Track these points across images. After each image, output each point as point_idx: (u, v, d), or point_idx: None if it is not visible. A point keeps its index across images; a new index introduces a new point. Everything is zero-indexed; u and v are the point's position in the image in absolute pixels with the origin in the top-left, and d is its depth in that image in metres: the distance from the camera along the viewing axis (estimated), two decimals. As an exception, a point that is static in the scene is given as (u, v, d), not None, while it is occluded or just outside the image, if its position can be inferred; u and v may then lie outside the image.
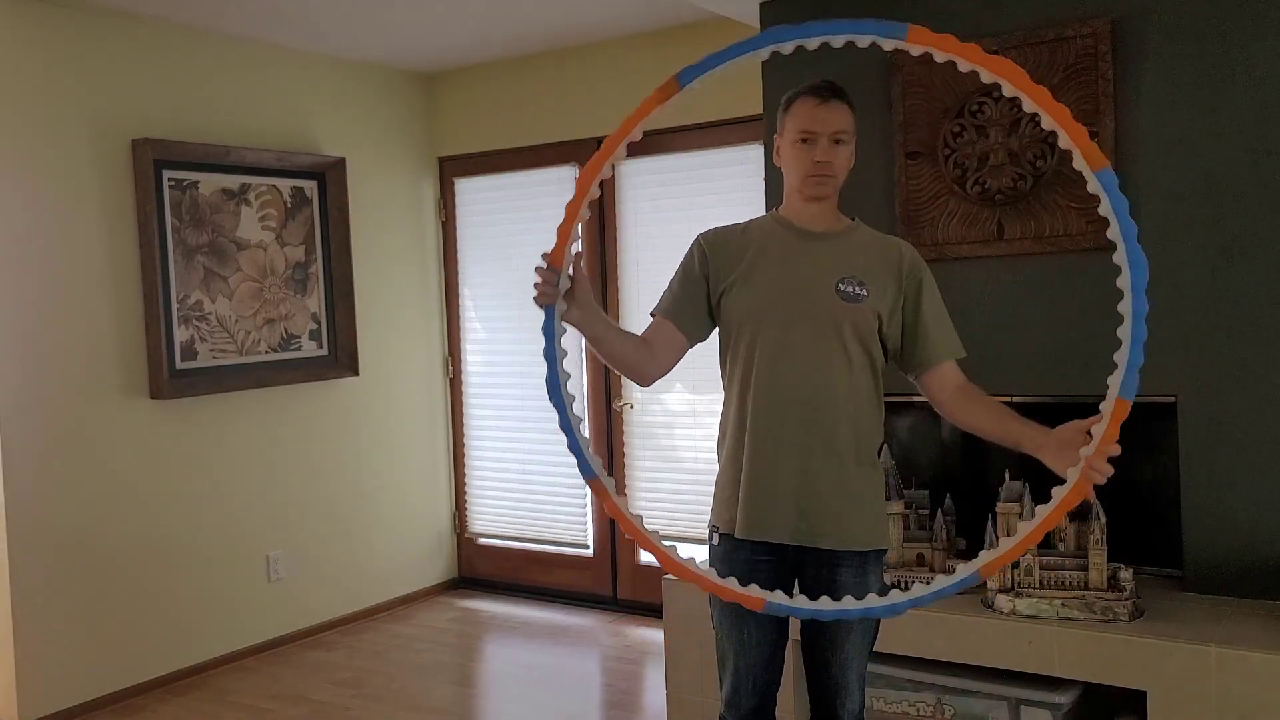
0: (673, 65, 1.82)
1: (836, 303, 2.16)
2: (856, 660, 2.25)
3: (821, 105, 2.16)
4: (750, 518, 2.18)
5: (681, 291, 2.28)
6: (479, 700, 4.12)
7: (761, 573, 2.16)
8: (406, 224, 5.22)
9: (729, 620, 2.25)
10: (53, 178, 3.86)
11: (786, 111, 2.22)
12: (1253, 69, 2.85)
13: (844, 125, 2.17)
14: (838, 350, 2.16)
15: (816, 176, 2.18)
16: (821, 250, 2.21)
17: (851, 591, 2.09)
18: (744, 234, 2.30)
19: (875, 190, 3.37)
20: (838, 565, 2.17)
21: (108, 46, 4.02)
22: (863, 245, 2.24)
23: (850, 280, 2.16)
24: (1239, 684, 2.55)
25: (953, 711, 2.96)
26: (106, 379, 4.01)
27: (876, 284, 2.18)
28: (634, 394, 4.82)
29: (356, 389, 4.94)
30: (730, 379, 2.27)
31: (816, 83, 2.19)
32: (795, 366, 2.16)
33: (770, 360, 2.17)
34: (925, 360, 2.22)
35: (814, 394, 2.15)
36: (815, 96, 2.17)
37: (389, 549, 5.12)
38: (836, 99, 2.17)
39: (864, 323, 2.17)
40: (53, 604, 3.85)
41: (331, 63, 4.86)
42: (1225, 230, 2.90)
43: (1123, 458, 1.85)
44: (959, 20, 3.21)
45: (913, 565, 3.14)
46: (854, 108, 2.21)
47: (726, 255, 2.25)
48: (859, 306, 2.16)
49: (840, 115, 2.17)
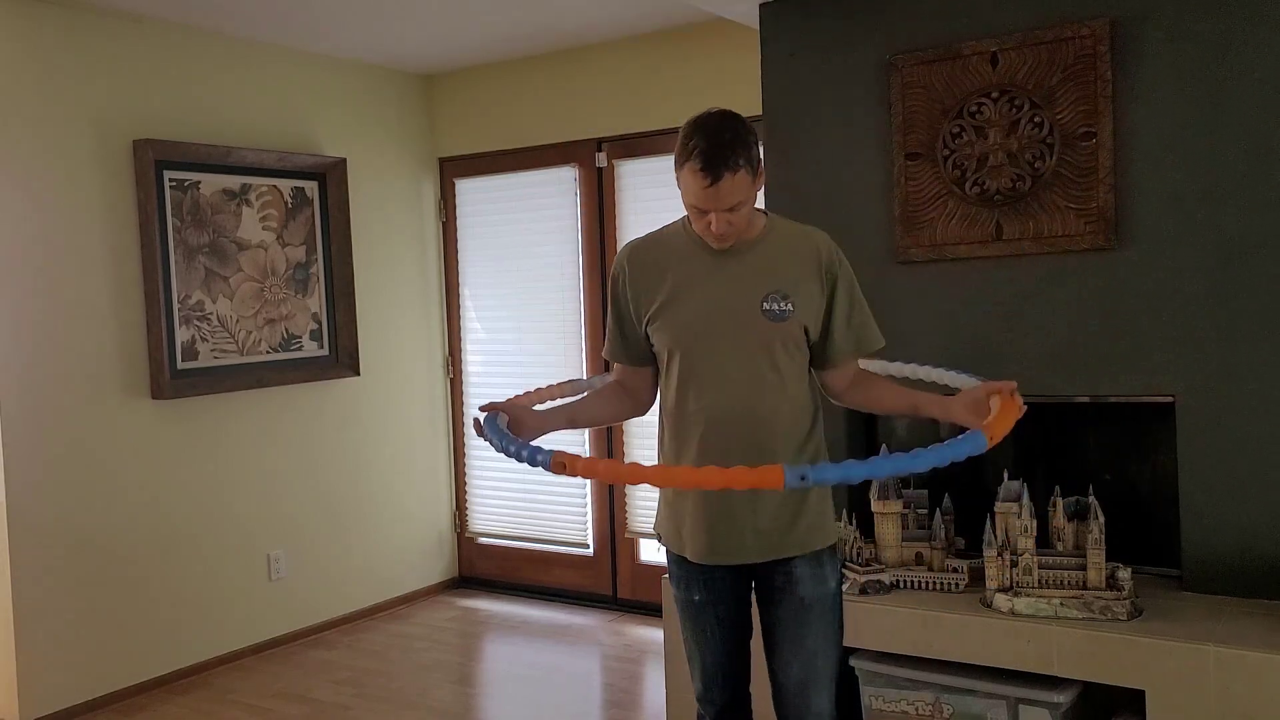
0: (672, 66, 1.81)
1: (763, 324, 2.13)
2: (822, 657, 2.20)
3: (711, 188, 2.01)
4: (707, 546, 2.19)
5: (617, 329, 2.28)
6: (479, 700, 4.12)
7: (719, 584, 2.23)
8: (407, 224, 5.23)
9: (691, 621, 2.28)
10: (54, 178, 3.87)
11: (679, 170, 2.06)
12: (1253, 69, 2.86)
13: (736, 198, 2.03)
14: (769, 371, 2.14)
15: (715, 239, 2.12)
16: (741, 267, 2.16)
17: (809, 583, 2.16)
18: (661, 250, 2.24)
19: (875, 191, 3.38)
20: (793, 565, 2.18)
21: (109, 47, 4.03)
22: (781, 249, 2.19)
23: (774, 297, 2.13)
24: (1237, 683, 2.55)
25: (951, 710, 2.96)
26: (108, 379, 4.02)
27: (801, 293, 2.15)
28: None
29: (357, 389, 4.94)
30: (664, 402, 2.25)
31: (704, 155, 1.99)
32: (730, 391, 2.13)
33: (703, 387, 2.15)
34: (833, 358, 2.22)
35: (751, 416, 2.12)
36: (704, 176, 2.00)
37: (389, 548, 5.12)
38: (728, 173, 1.99)
39: (792, 338, 2.15)
40: (54, 603, 3.85)
41: (332, 63, 4.86)
42: (1225, 230, 2.90)
43: (1122, 458, 1.86)
44: (959, 20, 3.21)
45: (911, 564, 3.14)
46: (750, 162, 2.02)
47: (647, 278, 2.22)
48: (786, 324, 2.13)
49: (730, 191, 2.01)
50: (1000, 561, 2.91)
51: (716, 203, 2.03)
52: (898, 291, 3.33)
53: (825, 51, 3.45)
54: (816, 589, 2.19)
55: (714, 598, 2.24)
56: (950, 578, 3.09)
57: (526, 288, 5.15)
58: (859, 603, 3.04)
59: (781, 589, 2.19)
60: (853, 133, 3.41)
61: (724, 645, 2.28)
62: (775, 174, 3.54)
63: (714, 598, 2.24)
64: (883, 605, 3.02)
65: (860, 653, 3.09)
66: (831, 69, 3.44)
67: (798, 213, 2.97)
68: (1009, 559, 2.90)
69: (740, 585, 2.26)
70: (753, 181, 2.05)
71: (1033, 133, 3.10)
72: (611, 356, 2.33)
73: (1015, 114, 3.13)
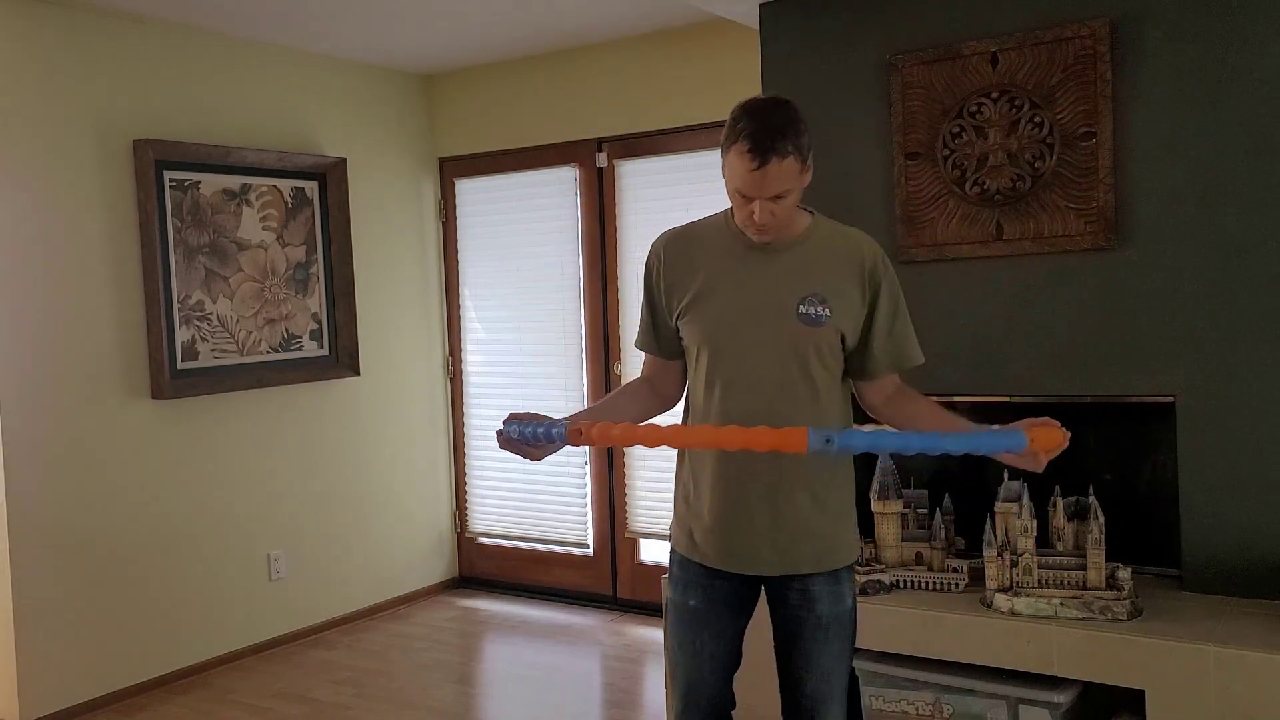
0: (672, 66, 1.81)
1: (798, 328, 2.04)
2: (836, 675, 2.14)
3: (757, 171, 1.93)
4: (724, 552, 2.12)
5: (650, 319, 2.23)
6: (479, 700, 4.12)
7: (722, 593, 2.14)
8: (407, 224, 5.23)
9: (682, 628, 2.18)
10: (54, 178, 3.87)
11: (725, 153, 2.00)
12: (1252, 69, 2.86)
13: (782, 186, 1.96)
14: (801, 379, 2.05)
15: (756, 230, 2.04)
16: (778, 266, 2.08)
17: (827, 601, 2.08)
18: (698, 242, 2.17)
19: (875, 191, 3.38)
20: (811, 583, 2.11)
21: (109, 47, 4.03)
22: (822, 250, 2.11)
23: (812, 300, 2.04)
24: (1237, 683, 2.55)
25: (951, 710, 2.96)
26: (108, 379, 4.02)
27: (840, 297, 2.07)
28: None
29: (357, 389, 4.94)
30: (691, 401, 2.17)
31: (752, 137, 1.93)
32: (759, 396, 2.05)
33: (732, 389, 2.07)
34: (870, 370, 2.13)
35: (776, 422, 1.98)
36: (751, 159, 1.93)
37: (389, 548, 5.12)
38: (775, 157, 1.92)
39: (827, 345, 2.06)
40: (54, 603, 3.85)
41: (332, 63, 4.86)
42: (1225, 230, 2.90)
43: (1122, 458, 1.86)
44: (959, 20, 3.21)
45: (911, 564, 3.15)
46: (800, 150, 1.96)
47: (681, 269, 2.15)
48: (822, 330, 2.05)
49: (777, 177, 1.94)
50: (1000, 561, 2.91)
51: (762, 189, 1.95)
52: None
53: (825, 51, 3.45)
54: (834, 607, 2.12)
55: (712, 609, 2.15)
56: (950, 578, 3.09)
57: (526, 288, 5.15)
58: (858, 602, 3.03)
59: (798, 605, 2.11)
60: (853, 133, 3.41)
61: (711, 662, 2.17)
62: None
63: (712, 609, 2.15)
64: (883, 605, 3.02)
65: (860, 653, 3.09)
66: (831, 69, 3.45)
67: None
68: (1009, 559, 2.90)
69: (744, 600, 2.17)
70: (800, 172, 1.97)
71: (1033, 133, 3.11)
72: (643, 347, 2.27)
73: (1015, 114, 3.13)
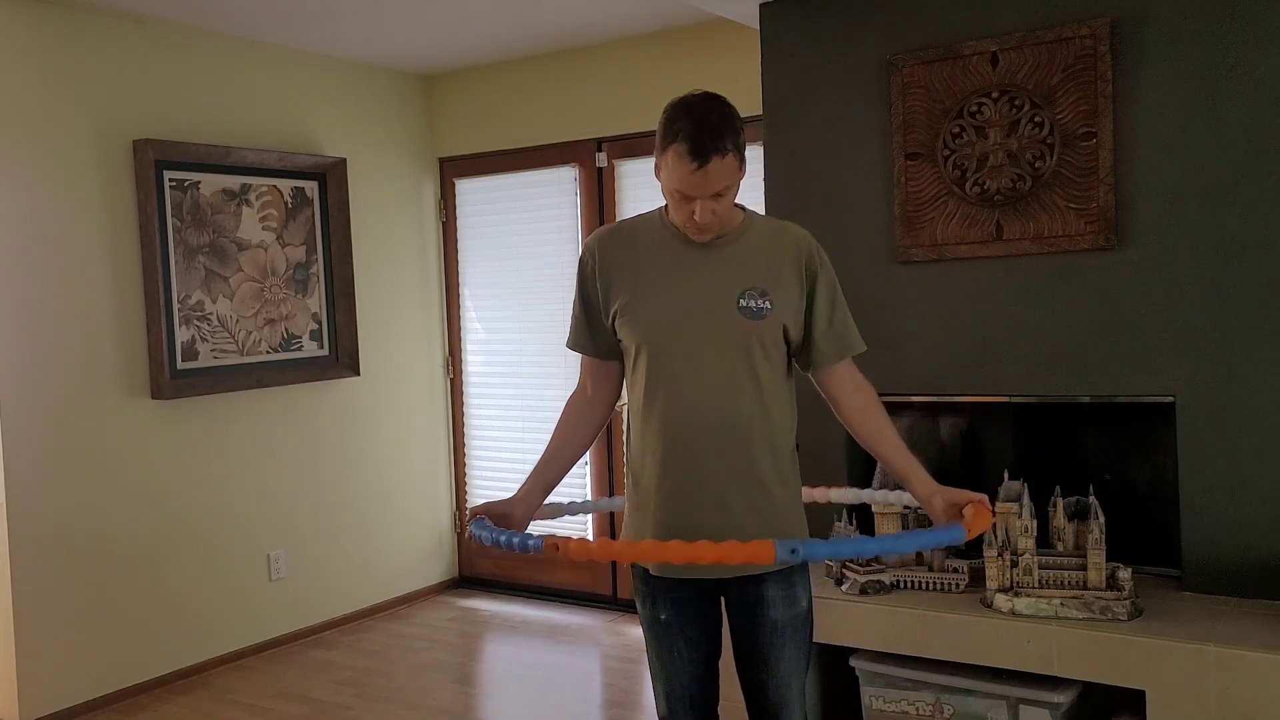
0: (672, 66, 1.81)
1: (740, 322, 2.02)
2: (795, 676, 2.14)
3: (698, 171, 1.92)
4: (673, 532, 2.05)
5: (585, 318, 2.16)
6: (479, 700, 4.12)
7: (686, 604, 2.13)
8: (407, 224, 5.23)
9: (658, 642, 2.18)
10: (54, 178, 3.87)
11: (661, 153, 1.98)
12: (1252, 69, 2.86)
13: (723, 183, 1.95)
14: (746, 374, 2.03)
15: (697, 229, 2.02)
16: (717, 261, 2.06)
17: (781, 604, 2.08)
18: (634, 240, 2.14)
19: (875, 191, 3.38)
20: (764, 582, 2.08)
21: (109, 47, 4.03)
22: (758, 244, 2.09)
23: (752, 294, 2.02)
24: (1237, 683, 2.55)
25: (952, 711, 2.96)
26: (108, 379, 4.02)
27: (779, 288, 2.05)
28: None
29: (357, 389, 4.94)
30: (632, 403, 2.13)
31: (692, 137, 1.91)
32: (703, 394, 2.03)
33: (674, 388, 2.04)
34: (818, 361, 2.12)
35: (726, 423, 2.02)
36: (692, 159, 1.91)
37: (389, 548, 5.12)
38: (716, 156, 1.91)
39: (770, 338, 2.04)
40: (54, 603, 3.85)
41: (332, 63, 4.86)
42: (1225, 230, 2.90)
43: (1122, 458, 1.87)
44: (959, 20, 3.21)
45: (912, 564, 3.14)
46: (738, 147, 1.95)
47: (616, 268, 2.11)
48: (764, 322, 2.03)
49: (718, 176, 1.93)
50: (1000, 561, 2.91)
51: (703, 188, 1.94)
52: (898, 292, 3.34)
53: (825, 51, 3.45)
54: (788, 611, 2.10)
55: (681, 618, 2.14)
56: (950, 578, 3.09)
57: (527, 288, 5.15)
58: (859, 603, 3.04)
59: (753, 609, 2.09)
60: (853, 133, 3.41)
61: (691, 668, 2.16)
62: (775, 174, 3.54)
63: (681, 618, 2.14)
64: (883, 605, 3.02)
65: (860, 653, 3.09)
66: (831, 69, 3.44)
67: (798, 213, 2.98)
68: (1009, 559, 2.90)
69: (708, 603, 2.15)
70: (739, 167, 1.98)
71: (1033, 133, 3.10)
72: (576, 347, 2.21)
73: (1015, 114, 3.13)
